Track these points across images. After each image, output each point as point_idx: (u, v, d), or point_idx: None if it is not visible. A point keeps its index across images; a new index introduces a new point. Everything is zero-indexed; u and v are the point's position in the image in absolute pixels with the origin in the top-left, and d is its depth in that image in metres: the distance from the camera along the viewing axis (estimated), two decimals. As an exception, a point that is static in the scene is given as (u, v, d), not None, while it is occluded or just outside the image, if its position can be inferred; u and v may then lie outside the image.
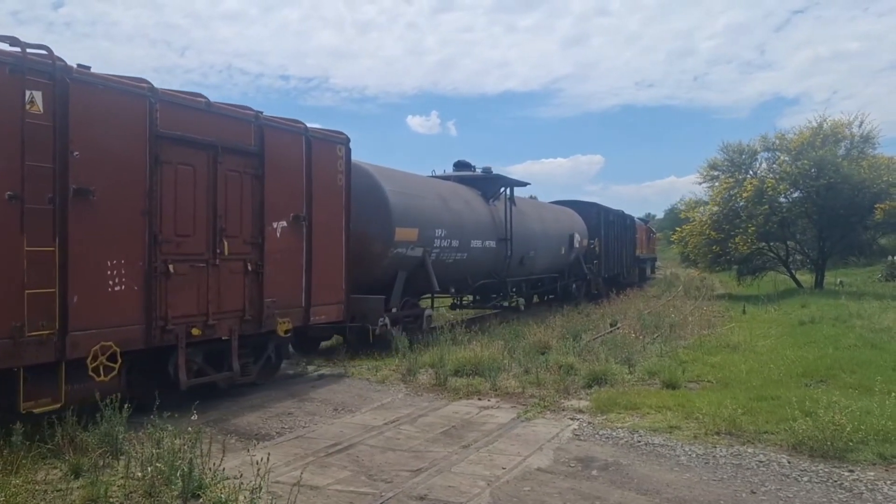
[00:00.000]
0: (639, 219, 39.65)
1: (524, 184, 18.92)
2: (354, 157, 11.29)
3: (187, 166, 7.87)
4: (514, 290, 19.48)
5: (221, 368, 8.61)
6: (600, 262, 25.60)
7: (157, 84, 7.61)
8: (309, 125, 10.03)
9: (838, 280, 30.04)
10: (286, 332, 9.28)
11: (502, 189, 17.65)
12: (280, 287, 9.18)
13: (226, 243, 8.27)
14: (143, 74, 9.96)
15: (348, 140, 10.77)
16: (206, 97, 8.27)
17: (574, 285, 23.56)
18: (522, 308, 19.50)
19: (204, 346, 8.32)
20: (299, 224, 9.58)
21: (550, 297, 23.22)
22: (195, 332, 7.88)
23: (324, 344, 13.70)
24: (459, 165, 18.33)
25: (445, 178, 17.51)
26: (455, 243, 14.51)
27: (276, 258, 9.09)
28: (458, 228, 14.66)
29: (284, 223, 9.30)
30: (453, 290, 15.91)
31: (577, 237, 22.54)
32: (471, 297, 18.62)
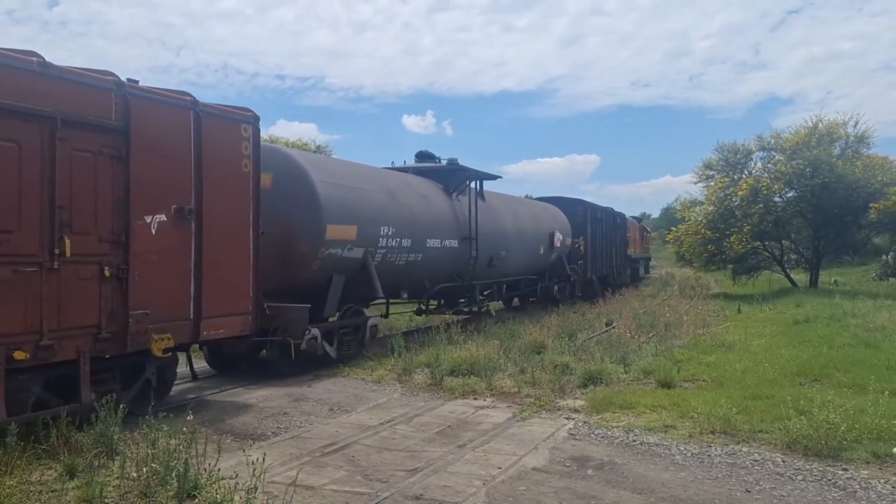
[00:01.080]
0: (632, 217, 38.81)
1: (494, 177, 17.25)
2: (293, 147, 10.42)
3: (9, 143, 6.18)
4: (485, 293, 17.99)
5: (75, 398, 6.75)
6: (586, 263, 24.22)
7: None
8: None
9: (833, 279, 30.14)
10: (165, 350, 7.53)
11: (468, 183, 15.89)
12: (156, 296, 7.40)
13: (67, 241, 6.51)
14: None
15: (257, 119, 8.90)
16: (40, 55, 6.44)
17: (556, 287, 21.86)
18: (493, 314, 17.57)
19: (45, 372, 6.56)
20: (184, 218, 7.77)
21: (532, 299, 21.94)
22: (20, 355, 6.14)
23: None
24: (421, 156, 16.29)
25: (401, 169, 15.61)
26: (406, 243, 12.83)
27: (149, 260, 7.34)
28: (409, 226, 12.94)
29: (163, 217, 7.53)
30: (406, 296, 14.04)
31: (558, 236, 20.99)
32: (435, 303, 16.90)
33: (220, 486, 4.95)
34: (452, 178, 15.57)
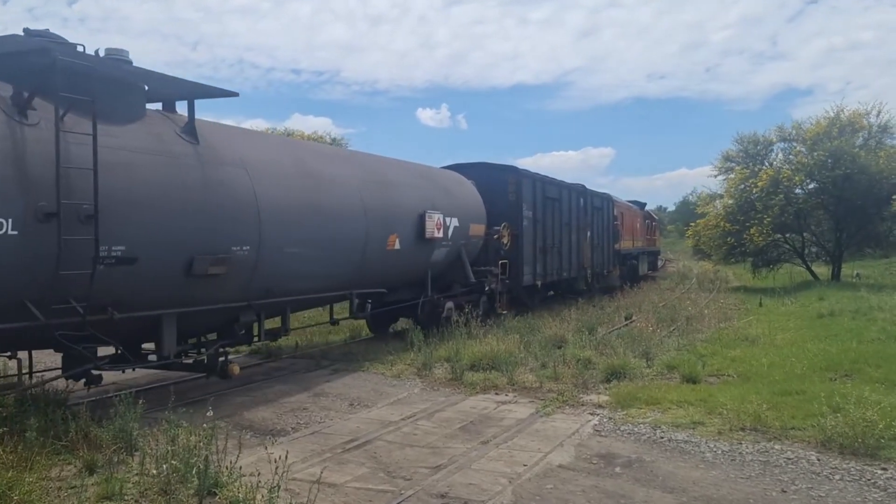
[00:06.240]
0: (630, 201, 32.30)
1: (221, 92, 8.47)
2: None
3: None
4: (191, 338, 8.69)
5: None
6: (518, 262, 15.87)
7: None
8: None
9: (855, 272, 29.67)
10: None
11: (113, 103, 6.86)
12: None
13: None
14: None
15: None
16: None
17: (450, 303, 13.54)
18: (225, 375, 8.46)
19: None
20: None
21: (417, 326, 12.91)
22: None
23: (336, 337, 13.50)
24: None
25: None
26: None
27: None
28: None
29: None
30: None
31: (441, 219, 12.77)
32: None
33: (242, 484, 4.85)
34: (26, 77, 6.22)
